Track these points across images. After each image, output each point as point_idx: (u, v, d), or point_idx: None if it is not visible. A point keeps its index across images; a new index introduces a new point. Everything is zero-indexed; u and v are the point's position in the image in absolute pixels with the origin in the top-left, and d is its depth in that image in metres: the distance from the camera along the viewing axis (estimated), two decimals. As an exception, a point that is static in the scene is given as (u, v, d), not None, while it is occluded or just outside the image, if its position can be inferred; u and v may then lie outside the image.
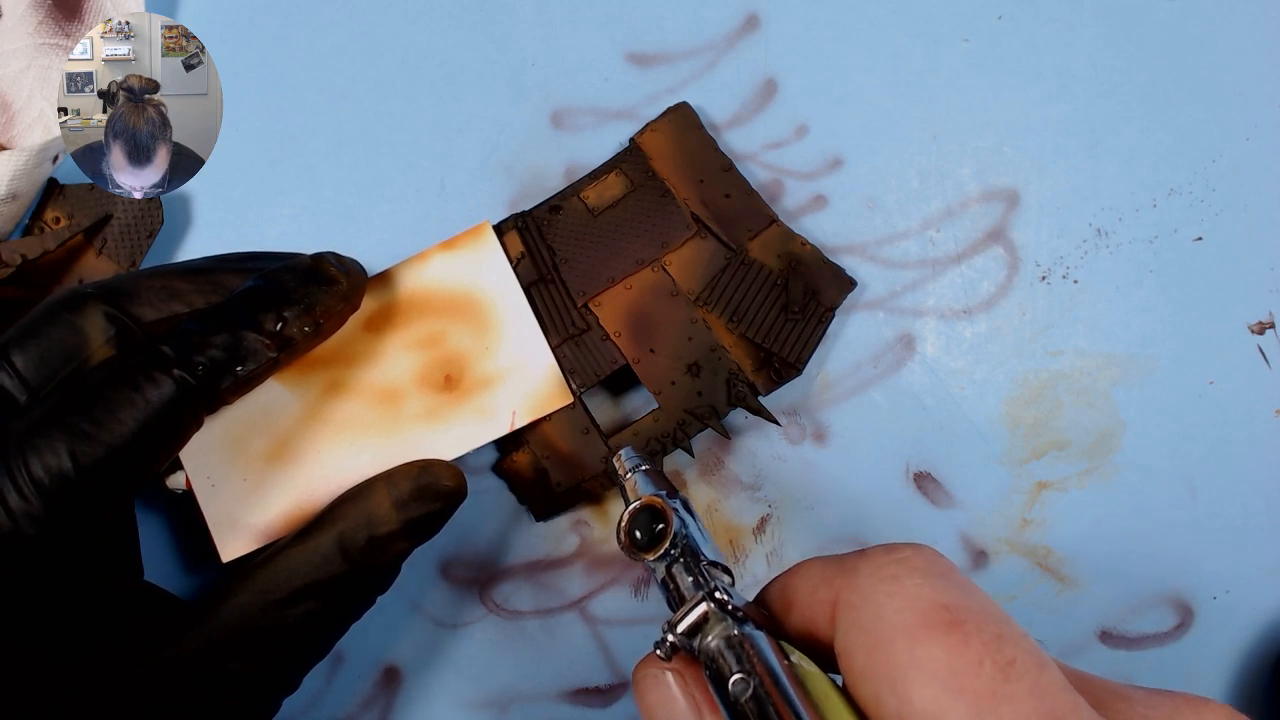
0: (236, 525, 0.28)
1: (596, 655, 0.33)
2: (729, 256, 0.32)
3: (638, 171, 0.32)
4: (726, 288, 0.32)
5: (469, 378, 0.30)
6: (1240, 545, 0.33)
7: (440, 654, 0.33)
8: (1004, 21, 0.34)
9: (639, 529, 0.23)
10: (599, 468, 0.31)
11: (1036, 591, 0.33)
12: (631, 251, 0.32)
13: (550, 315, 0.32)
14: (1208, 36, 0.34)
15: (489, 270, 0.31)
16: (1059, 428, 0.33)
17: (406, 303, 0.30)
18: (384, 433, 0.29)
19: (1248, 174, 0.33)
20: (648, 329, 0.32)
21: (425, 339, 0.30)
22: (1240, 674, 0.33)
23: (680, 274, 0.32)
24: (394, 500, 0.27)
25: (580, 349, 0.32)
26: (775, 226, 0.32)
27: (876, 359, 0.33)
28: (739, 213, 0.32)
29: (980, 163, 0.34)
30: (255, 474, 0.28)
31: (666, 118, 0.33)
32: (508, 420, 0.30)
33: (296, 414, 0.29)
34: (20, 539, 0.22)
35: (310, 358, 0.29)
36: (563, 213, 0.32)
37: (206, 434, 0.28)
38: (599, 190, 0.32)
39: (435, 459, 0.28)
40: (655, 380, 0.31)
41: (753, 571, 0.33)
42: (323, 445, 0.29)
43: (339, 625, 0.27)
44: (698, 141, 0.33)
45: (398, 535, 0.27)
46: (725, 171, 0.32)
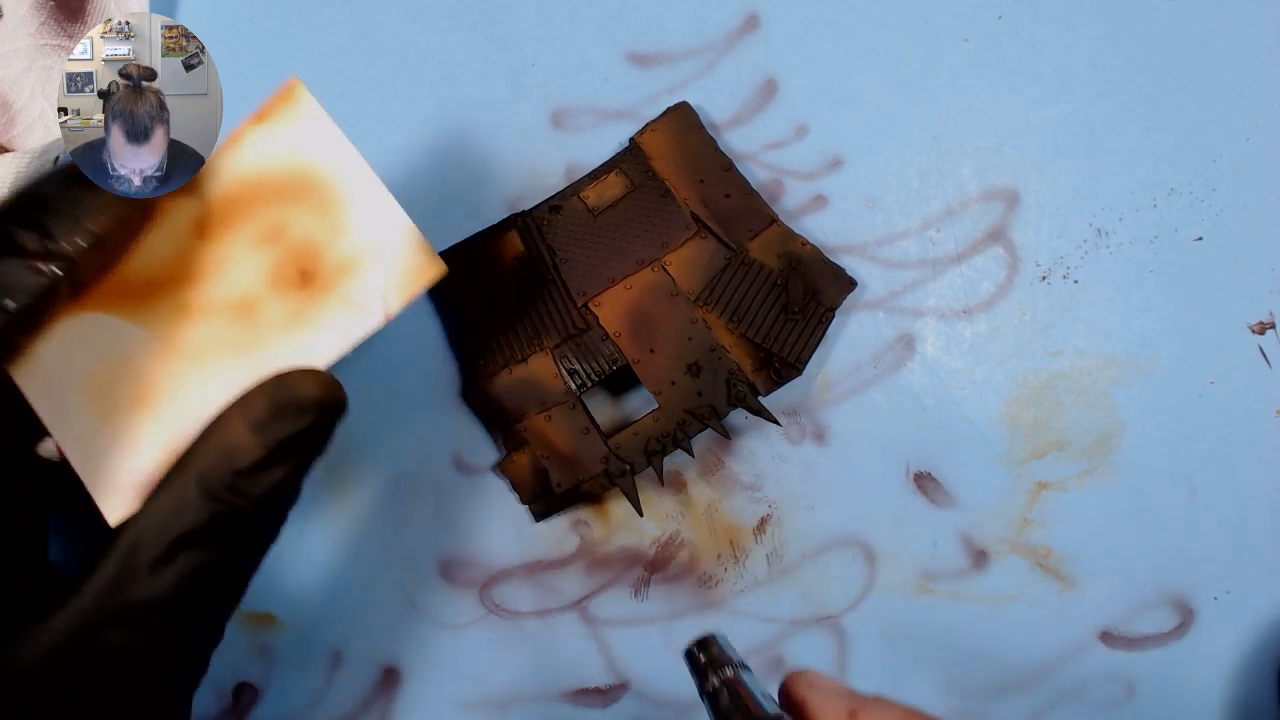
0: (117, 483, 0.25)
1: (596, 655, 0.33)
2: (729, 256, 0.32)
3: (638, 171, 0.32)
4: (726, 287, 0.32)
5: (325, 267, 0.26)
6: (1240, 545, 0.33)
7: (440, 654, 0.33)
8: (1004, 21, 0.34)
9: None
10: (599, 468, 0.31)
11: (1036, 591, 0.33)
12: (631, 251, 0.32)
13: (550, 315, 0.32)
14: (1208, 36, 0.34)
15: (314, 137, 0.26)
16: (1059, 428, 0.33)
17: (234, 197, 0.26)
18: (246, 350, 0.26)
19: (1248, 174, 0.33)
20: (648, 329, 0.32)
21: (266, 234, 0.26)
22: (1240, 674, 0.33)
23: (680, 274, 0.32)
24: (250, 424, 0.23)
25: (580, 349, 0.32)
26: (775, 226, 0.32)
27: (876, 359, 0.33)
28: (739, 212, 0.32)
29: (980, 163, 0.34)
30: (124, 424, 0.25)
31: (666, 118, 0.33)
32: (380, 308, 0.26)
33: (151, 349, 0.25)
34: None
35: (147, 281, 0.26)
36: (563, 213, 0.32)
37: (62, 390, 0.25)
38: (599, 190, 0.32)
39: (292, 369, 0.25)
40: (655, 380, 0.31)
41: (753, 572, 0.33)
42: (185, 378, 0.25)
43: (233, 580, 0.24)
44: (697, 141, 0.33)
45: (266, 463, 0.23)
46: (725, 171, 0.32)
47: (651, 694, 0.33)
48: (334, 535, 0.33)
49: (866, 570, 0.33)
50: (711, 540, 0.33)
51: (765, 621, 0.33)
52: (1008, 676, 0.33)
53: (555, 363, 0.32)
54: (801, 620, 0.33)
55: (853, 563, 0.33)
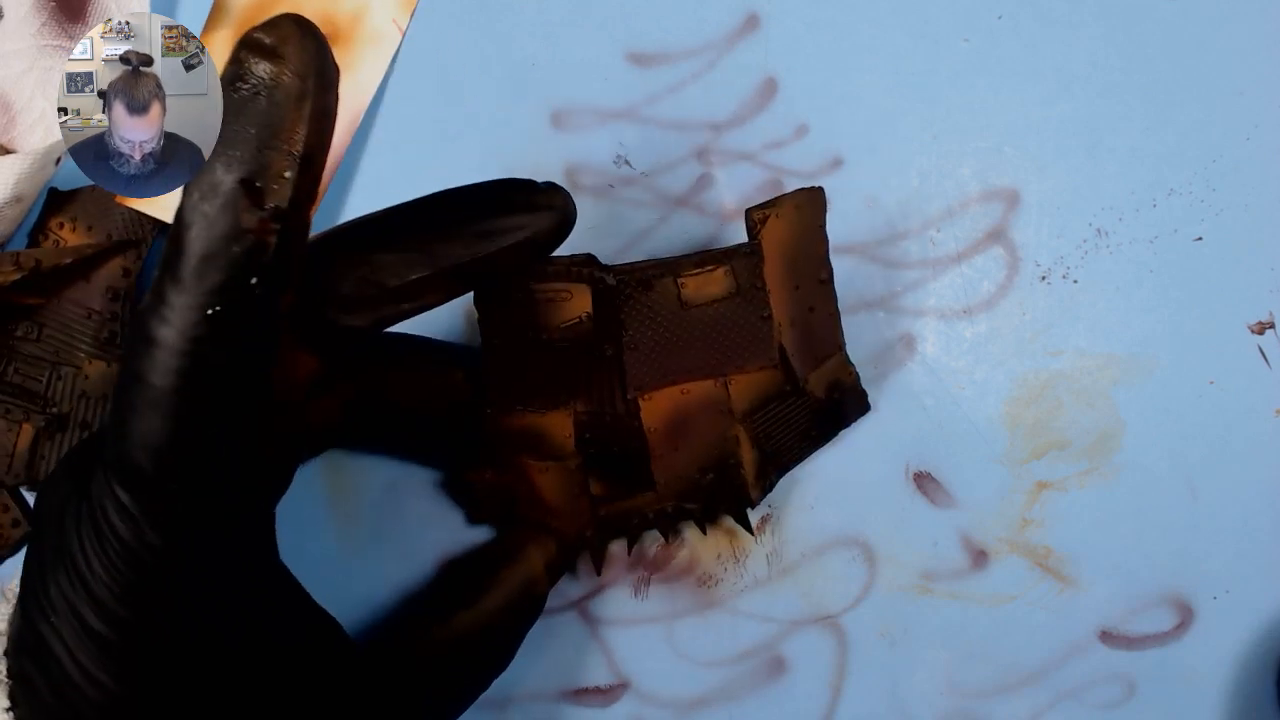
0: None
1: (596, 655, 0.33)
2: (787, 389, 0.30)
3: (746, 276, 0.29)
4: (772, 414, 0.30)
5: (340, 22, 0.32)
6: (1240, 545, 0.33)
7: (440, 653, 0.33)
8: (1004, 21, 0.34)
9: None
10: (578, 532, 0.30)
11: (1036, 591, 0.33)
12: (704, 359, 0.29)
13: (591, 386, 0.29)
14: (1208, 36, 0.34)
15: None
16: (1059, 428, 0.33)
17: (256, 5, 0.32)
18: None
19: (1248, 174, 0.33)
20: (683, 432, 0.29)
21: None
22: (1240, 674, 0.33)
23: (737, 392, 0.29)
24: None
25: (605, 425, 0.29)
26: (837, 355, 0.31)
27: (876, 359, 0.33)
28: (815, 335, 0.30)
29: (980, 163, 0.34)
30: None
31: (794, 202, 0.29)
32: (394, 29, 0.33)
33: None
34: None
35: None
36: (653, 292, 0.29)
37: None
38: (700, 283, 0.29)
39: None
40: (666, 474, 0.30)
41: (752, 571, 0.33)
42: None
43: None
44: (811, 242, 0.30)
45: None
46: (821, 284, 0.30)
47: (651, 694, 0.33)
48: (334, 535, 0.33)
49: (866, 570, 0.33)
50: (711, 540, 0.33)
51: (765, 621, 0.33)
52: (1008, 676, 0.33)
53: (574, 425, 0.29)
54: (801, 620, 0.33)
55: (853, 563, 0.33)
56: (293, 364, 0.24)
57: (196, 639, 0.21)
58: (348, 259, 0.24)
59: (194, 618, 0.21)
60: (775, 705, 0.33)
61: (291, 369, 0.24)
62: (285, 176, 0.20)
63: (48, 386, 0.31)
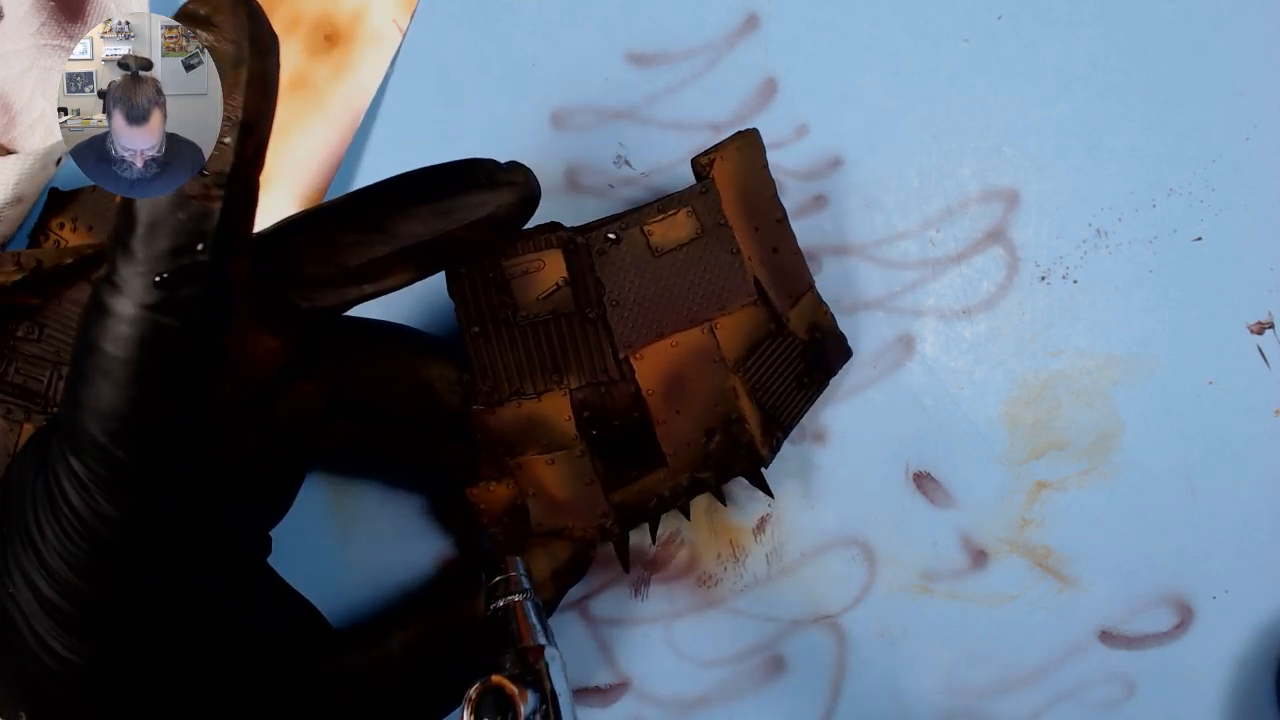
0: None
1: (596, 655, 0.33)
2: (772, 328, 0.30)
3: (709, 214, 0.29)
4: (763, 359, 0.30)
5: (341, 24, 0.33)
6: (1240, 545, 0.33)
7: (440, 653, 0.33)
8: (1004, 21, 0.34)
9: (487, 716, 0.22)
10: (595, 523, 0.29)
11: (1036, 591, 0.33)
12: (686, 306, 0.29)
13: (580, 356, 0.29)
14: (1208, 36, 0.34)
15: None
16: (1059, 428, 0.33)
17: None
18: (313, 108, 0.32)
19: (1248, 174, 0.33)
20: (681, 391, 0.29)
21: (288, 23, 0.33)
22: (1240, 674, 0.33)
23: (725, 339, 0.29)
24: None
25: (603, 397, 0.29)
26: (810, 293, 0.31)
27: (876, 359, 0.33)
28: (784, 273, 0.30)
29: (980, 163, 0.34)
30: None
31: (735, 145, 0.30)
32: (394, 29, 0.33)
33: None
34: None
35: None
36: (622, 245, 0.29)
37: None
38: (665, 228, 0.29)
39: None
40: (673, 442, 0.29)
41: (752, 571, 0.33)
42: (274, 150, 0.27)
43: None
44: (759, 182, 0.30)
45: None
46: (778, 223, 0.30)
47: (651, 694, 0.33)
48: (333, 535, 0.33)
49: (866, 570, 0.33)
50: (711, 539, 0.33)
51: (765, 621, 0.33)
52: (1008, 676, 0.33)
53: (571, 406, 0.29)
54: (801, 620, 0.33)
55: (852, 562, 0.33)
56: (254, 342, 0.23)
57: (155, 613, 0.21)
58: (309, 240, 0.24)
59: (151, 591, 0.21)
60: (775, 705, 0.33)
61: (252, 346, 0.23)
62: (225, 142, 0.20)
63: (49, 386, 0.31)
